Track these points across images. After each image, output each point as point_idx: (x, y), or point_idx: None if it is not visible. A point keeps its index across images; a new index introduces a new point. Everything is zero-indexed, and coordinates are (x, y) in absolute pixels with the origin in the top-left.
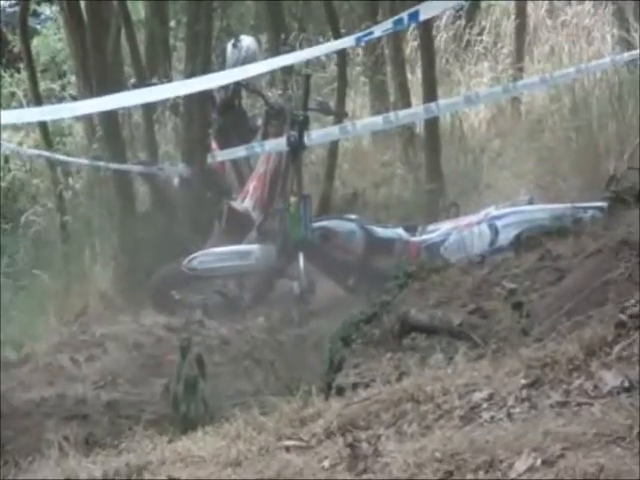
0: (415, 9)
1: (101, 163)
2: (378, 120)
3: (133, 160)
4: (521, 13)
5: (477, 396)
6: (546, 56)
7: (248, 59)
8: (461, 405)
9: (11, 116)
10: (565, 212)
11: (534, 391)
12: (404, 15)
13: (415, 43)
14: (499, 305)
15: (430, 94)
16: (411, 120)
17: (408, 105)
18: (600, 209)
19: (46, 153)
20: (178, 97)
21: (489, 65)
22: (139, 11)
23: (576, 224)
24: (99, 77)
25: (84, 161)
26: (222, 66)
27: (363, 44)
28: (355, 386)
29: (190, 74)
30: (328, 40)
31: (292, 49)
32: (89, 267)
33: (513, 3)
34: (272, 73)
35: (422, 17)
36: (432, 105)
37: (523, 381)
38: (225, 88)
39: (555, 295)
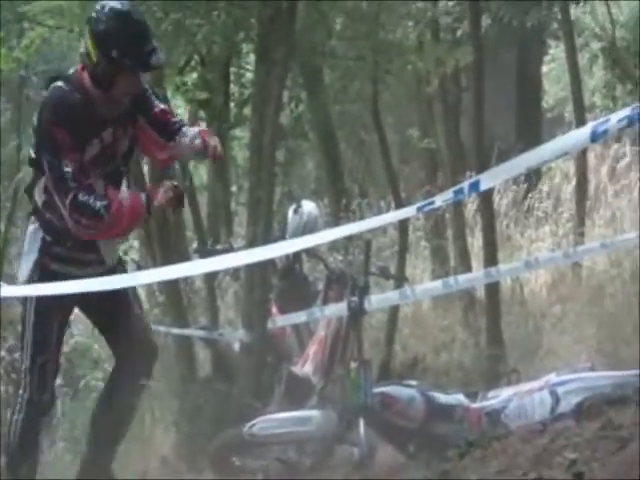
0: (476, 179)
1: (162, 328)
2: (438, 284)
3: (194, 325)
4: (582, 177)
5: None
6: (607, 221)
7: (309, 224)
8: None
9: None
10: (627, 380)
11: None
12: (465, 185)
13: (475, 206)
14: (560, 475)
15: (490, 258)
16: (471, 285)
17: (468, 269)
18: None
19: None
20: None
21: (550, 229)
22: (201, 176)
23: (638, 392)
24: (162, 243)
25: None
26: (283, 231)
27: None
28: None
29: (251, 239)
30: (389, 204)
31: (353, 214)
32: (150, 431)
33: (573, 168)
34: None
35: (483, 187)
36: (492, 270)
37: None
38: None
39: (617, 465)
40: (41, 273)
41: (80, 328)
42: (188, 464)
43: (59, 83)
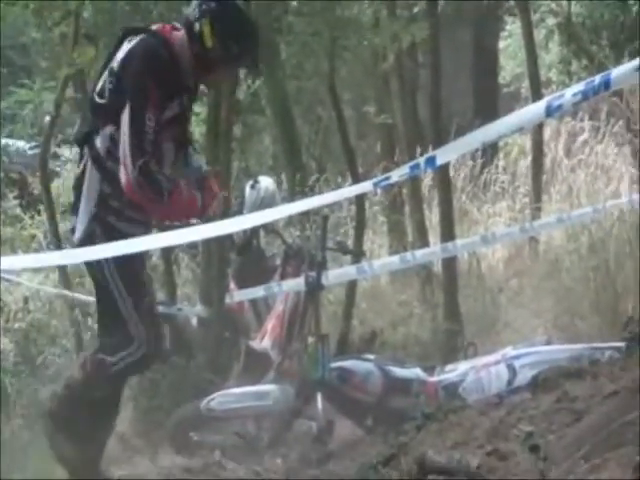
0: (432, 154)
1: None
2: (395, 259)
3: None
4: (538, 152)
5: None
6: (564, 196)
7: (266, 200)
8: None
9: (31, 260)
10: (583, 353)
11: None
12: (421, 160)
13: (432, 181)
14: (516, 447)
15: (447, 233)
16: (428, 259)
17: (426, 244)
18: (618, 350)
19: (66, 293)
20: None
21: (507, 204)
22: None
23: (593, 365)
24: None
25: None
26: (241, 206)
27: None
28: None
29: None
30: (346, 180)
31: (310, 190)
32: None
33: (530, 143)
34: None
35: (439, 162)
36: (449, 245)
37: None
38: None
39: (572, 437)
40: (101, 227)
41: (37, 305)
42: (146, 440)
43: (145, 36)
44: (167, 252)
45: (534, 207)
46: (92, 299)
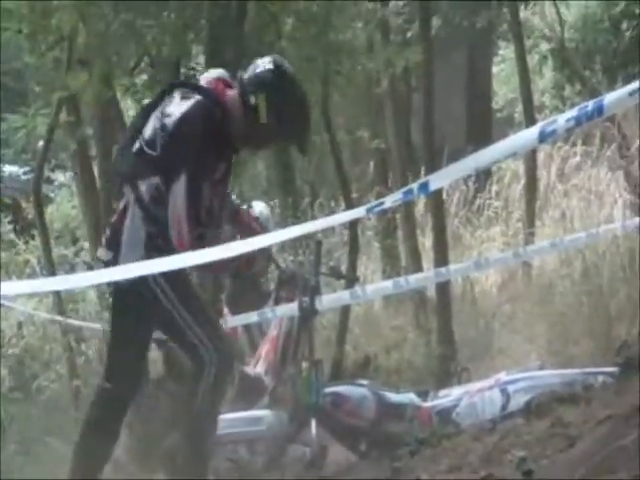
0: (425, 180)
1: None
2: (388, 284)
3: None
4: (531, 177)
5: None
6: (557, 220)
7: (260, 225)
8: None
9: (25, 287)
10: (576, 378)
11: None
12: (414, 186)
13: (425, 206)
14: (510, 472)
15: (441, 258)
16: (422, 284)
17: (419, 269)
18: (611, 375)
19: (59, 319)
20: None
21: (500, 229)
22: None
23: (587, 390)
24: None
25: (97, 326)
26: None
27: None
28: None
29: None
30: (340, 205)
31: (304, 215)
32: None
33: (523, 167)
34: None
35: (432, 188)
36: (442, 270)
37: None
38: None
39: (566, 463)
40: None
41: (31, 330)
42: (140, 466)
43: (201, 98)
44: None
45: (527, 232)
46: (86, 324)
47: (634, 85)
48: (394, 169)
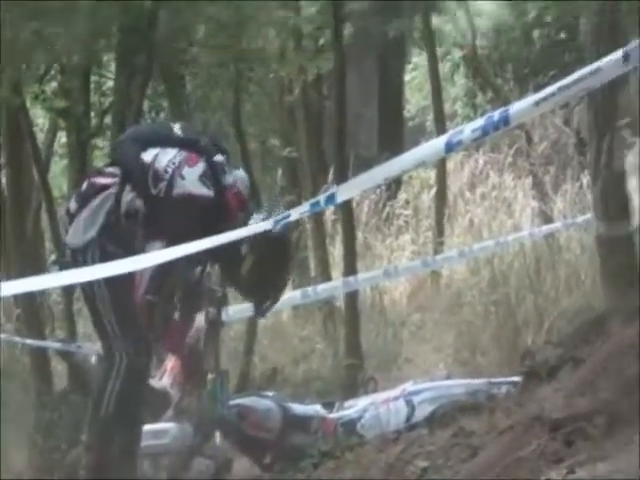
0: (332, 192)
1: (18, 339)
2: (296, 294)
3: (51, 338)
4: (441, 186)
5: None
6: (465, 229)
7: None
8: None
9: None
10: (480, 387)
11: None
12: (321, 198)
13: (335, 215)
14: None
15: (350, 267)
16: (330, 294)
17: (329, 279)
18: (515, 384)
19: None
20: None
21: (410, 238)
22: (61, 186)
23: (490, 400)
24: (18, 255)
25: (1, 336)
26: None
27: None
28: None
29: None
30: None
31: None
32: (3, 448)
33: (433, 176)
34: None
35: (339, 199)
36: (351, 279)
37: None
38: None
39: (468, 472)
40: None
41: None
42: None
43: None
44: (68, 290)
45: (437, 241)
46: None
47: (540, 94)
48: (305, 178)
